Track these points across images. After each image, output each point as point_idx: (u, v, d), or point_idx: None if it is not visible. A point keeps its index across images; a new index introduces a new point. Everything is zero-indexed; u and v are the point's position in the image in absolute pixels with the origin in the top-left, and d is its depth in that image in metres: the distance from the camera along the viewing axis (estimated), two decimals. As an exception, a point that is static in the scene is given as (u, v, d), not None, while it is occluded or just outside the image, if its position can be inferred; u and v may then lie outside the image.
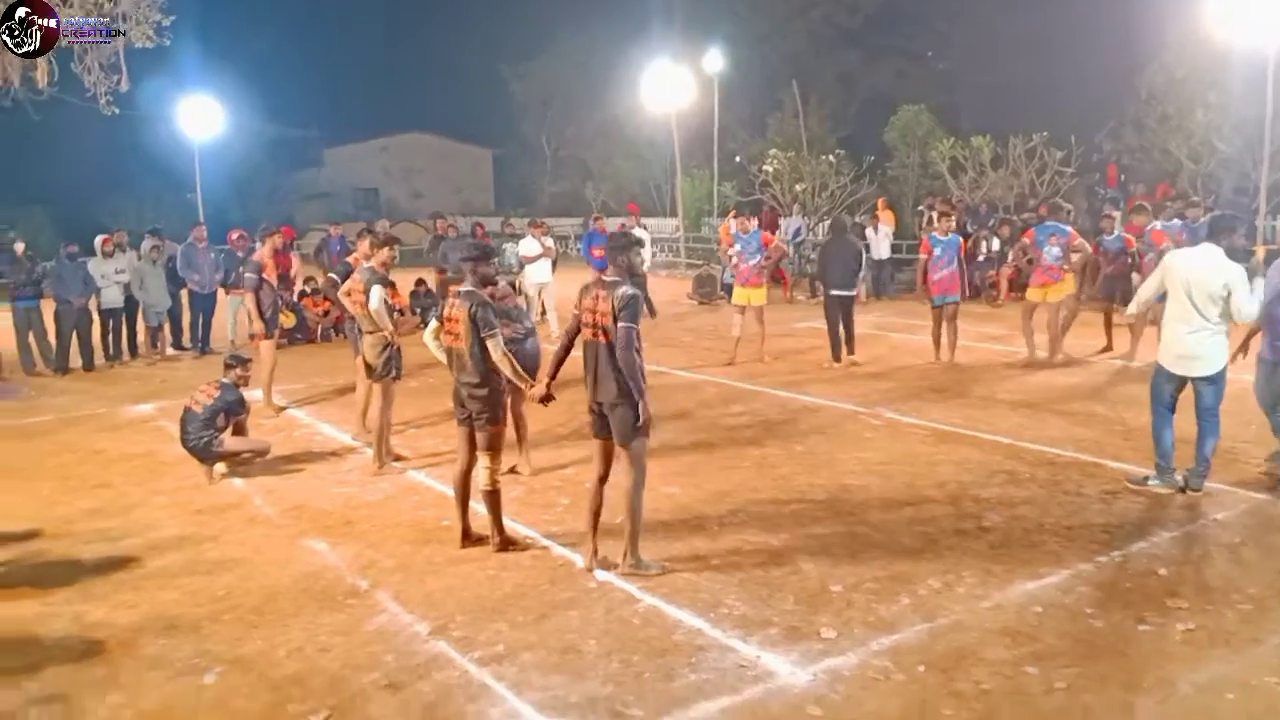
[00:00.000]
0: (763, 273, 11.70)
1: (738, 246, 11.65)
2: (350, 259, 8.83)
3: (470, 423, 5.71)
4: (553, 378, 5.64)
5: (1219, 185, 17.16)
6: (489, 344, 5.56)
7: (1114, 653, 4.37)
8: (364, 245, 8.68)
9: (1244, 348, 6.91)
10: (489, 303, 5.70)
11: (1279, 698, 3.96)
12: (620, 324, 5.09)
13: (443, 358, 5.93)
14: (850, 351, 11.61)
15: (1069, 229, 11.06)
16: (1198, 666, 4.23)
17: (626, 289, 5.14)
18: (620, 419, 5.19)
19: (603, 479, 5.46)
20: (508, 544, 5.77)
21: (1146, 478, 6.68)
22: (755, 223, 12.09)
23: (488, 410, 5.62)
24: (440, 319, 5.79)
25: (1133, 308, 7.11)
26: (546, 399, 5.61)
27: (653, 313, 14.98)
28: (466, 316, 5.53)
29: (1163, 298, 6.57)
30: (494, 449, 5.70)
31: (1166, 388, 6.56)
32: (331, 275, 8.67)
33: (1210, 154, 17.07)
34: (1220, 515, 6.09)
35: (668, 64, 21.94)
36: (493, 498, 5.72)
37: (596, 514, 5.46)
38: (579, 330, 5.43)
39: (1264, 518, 6.03)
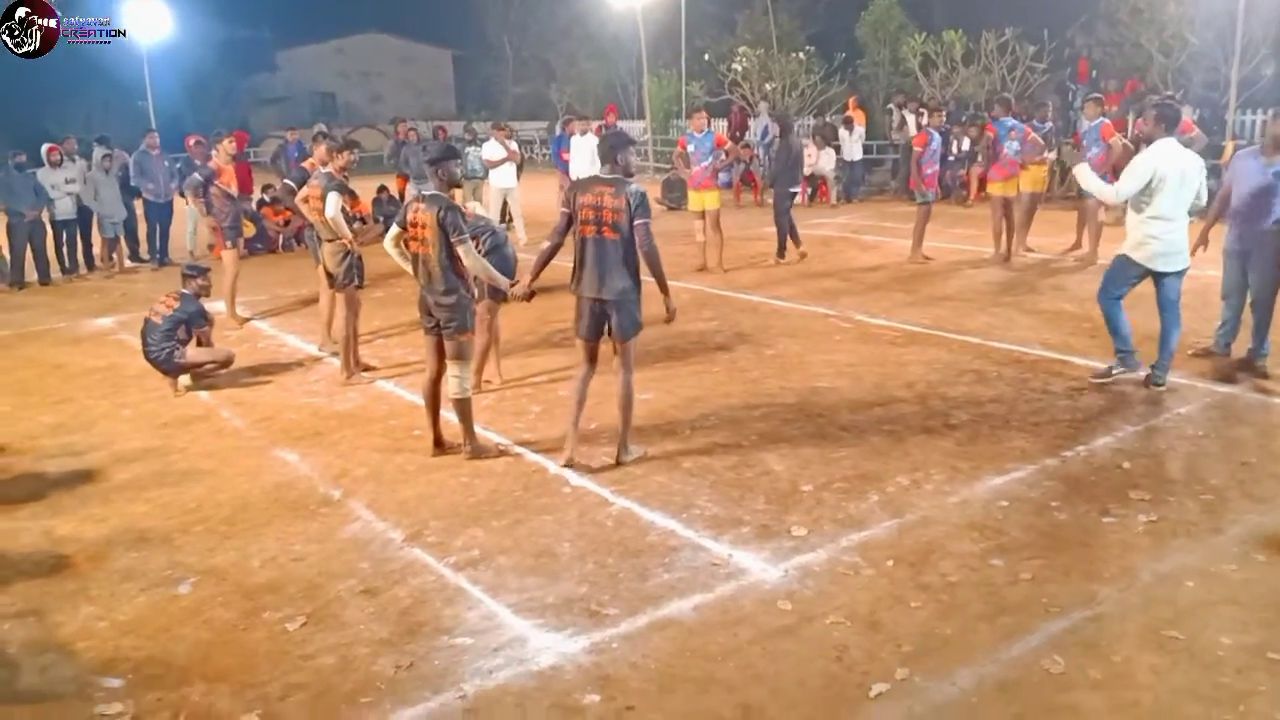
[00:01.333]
0: (717, 175, 11.48)
1: (690, 147, 11.28)
2: (306, 164, 8.56)
3: (438, 331, 5.63)
4: (535, 277, 5.61)
5: (1189, 80, 17.03)
6: (460, 249, 5.45)
7: (1078, 544, 4.47)
8: (320, 150, 8.43)
9: (1204, 240, 6.94)
10: (457, 206, 5.56)
11: (1237, 585, 4.07)
12: (638, 220, 5.23)
13: (406, 265, 5.81)
14: (779, 253, 11.93)
15: (1023, 125, 11.32)
16: (1159, 556, 4.34)
17: (636, 186, 5.29)
18: (627, 314, 5.37)
19: (590, 376, 5.58)
20: (479, 452, 5.77)
21: (1111, 368, 6.77)
22: (707, 121, 11.72)
23: (456, 318, 5.54)
24: (402, 224, 5.64)
25: (1114, 199, 6.87)
26: (530, 297, 5.65)
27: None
28: (434, 221, 5.40)
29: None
30: (463, 357, 5.64)
31: (1131, 283, 6.59)
32: (287, 182, 8.42)
33: (1181, 47, 16.89)
34: (1183, 409, 6.19)
35: (633, -42, 21.26)
36: (463, 406, 5.68)
37: (582, 407, 5.61)
38: (567, 229, 5.40)
39: (1226, 411, 6.14)
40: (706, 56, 26.09)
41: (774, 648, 3.73)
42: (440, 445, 5.84)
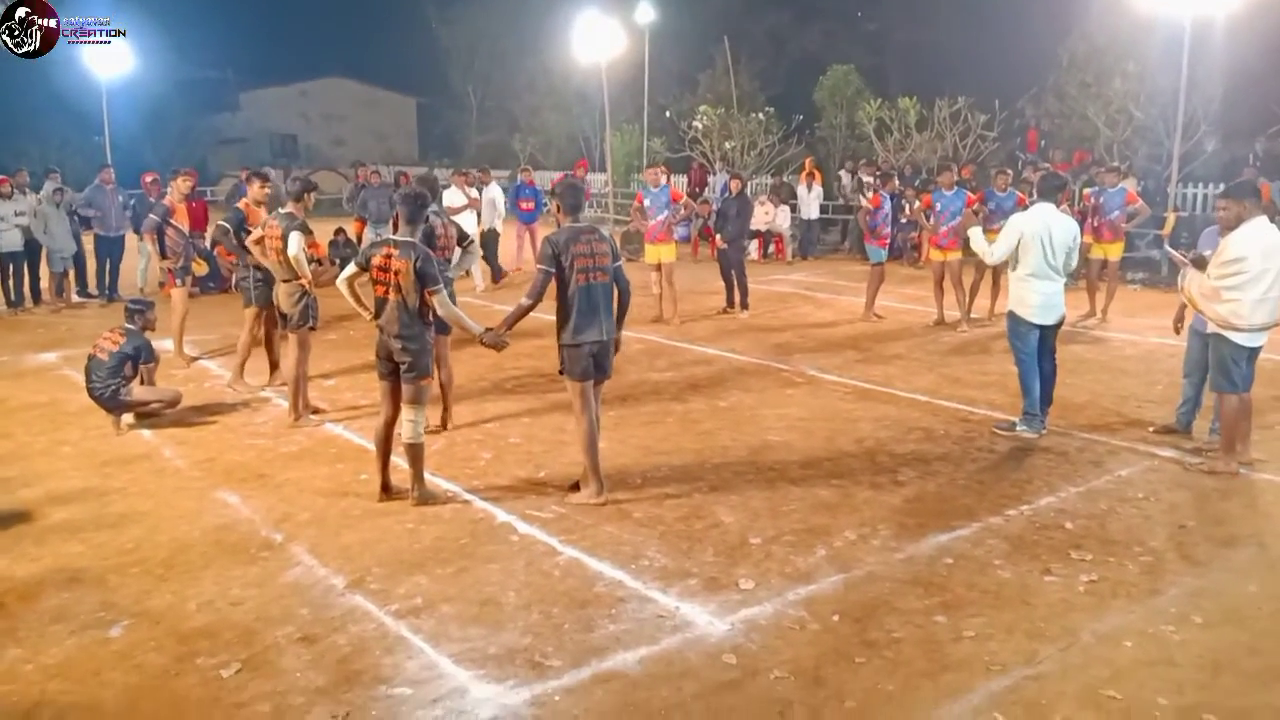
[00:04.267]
0: (673, 230, 11.60)
1: (647, 201, 11.42)
2: (240, 204, 8.48)
3: (395, 376, 5.60)
4: (509, 327, 5.65)
5: (1134, 152, 17.60)
6: (434, 300, 5.47)
7: (1020, 603, 4.51)
8: (254, 189, 8.43)
9: (1180, 319, 7.07)
10: (432, 256, 5.60)
11: (1174, 646, 4.13)
12: (619, 262, 5.61)
13: (357, 307, 5.82)
14: (743, 306, 12.13)
15: (965, 193, 11.41)
16: (1099, 616, 4.39)
17: (607, 231, 5.67)
18: (612, 352, 5.66)
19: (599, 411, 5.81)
20: (427, 498, 5.70)
21: (1014, 424, 7.06)
22: (665, 176, 11.89)
23: (419, 362, 5.52)
24: (363, 266, 5.62)
25: (990, 260, 7.37)
26: (502, 346, 5.74)
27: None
28: (410, 269, 5.40)
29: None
30: (419, 401, 5.61)
31: (1032, 337, 6.95)
32: (221, 223, 8.33)
33: (1127, 121, 17.48)
34: (1124, 472, 6.31)
35: (598, 14, 21.60)
36: (415, 450, 5.64)
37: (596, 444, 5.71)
38: (546, 286, 5.48)
39: (1166, 474, 6.26)
40: (668, 113, 26.50)
41: (718, 703, 3.71)
42: (387, 491, 5.77)
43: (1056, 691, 3.78)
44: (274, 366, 8.52)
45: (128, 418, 7.28)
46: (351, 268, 5.71)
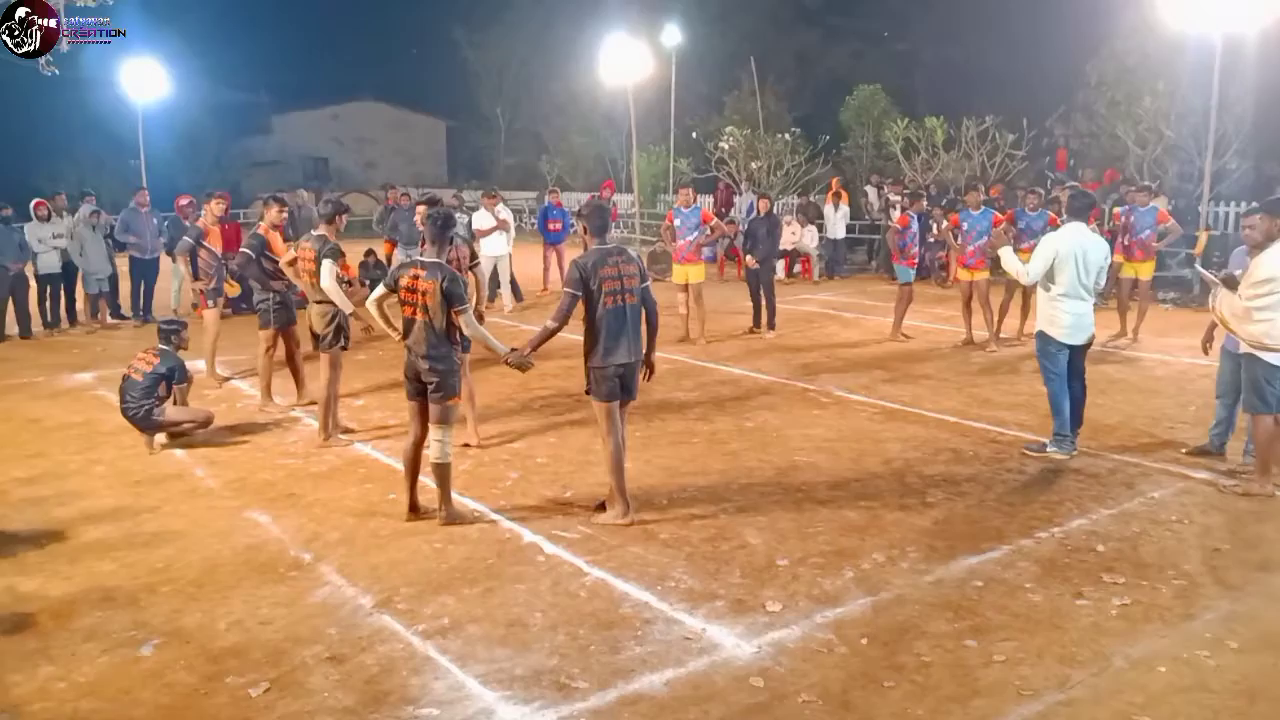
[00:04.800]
0: (701, 250, 11.61)
1: (677, 222, 11.44)
2: (260, 229, 8.61)
3: (424, 396, 5.64)
4: (534, 349, 5.66)
5: (1165, 171, 17.45)
6: (460, 320, 5.52)
7: (1051, 626, 4.45)
8: (270, 213, 8.58)
9: (1210, 338, 6.99)
10: (459, 276, 5.65)
11: (1209, 671, 4.06)
12: (645, 283, 5.64)
13: (382, 326, 5.90)
14: (770, 326, 12.13)
15: (993, 213, 11.30)
16: (1132, 641, 4.33)
17: (635, 252, 5.67)
18: (638, 373, 5.67)
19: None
20: (455, 518, 5.73)
21: (1044, 444, 7.00)
22: (694, 197, 11.92)
23: (446, 383, 5.57)
24: (392, 288, 5.68)
25: (1026, 280, 7.19)
26: (527, 367, 5.74)
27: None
28: (437, 290, 5.45)
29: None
30: (447, 421, 5.64)
31: (1062, 358, 6.91)
32: (245, 250, 8.46)
33: (1157, 140, 17.34)
34: (1156, 494, 6.23)
35: (625, 37, 21.76)
36: (443, 471, 5.67)
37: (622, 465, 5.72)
38: (572, 309, 5.50)
39: (1199, 496, 6.17)
40: (695, 134, 26.61)
41: (745, 725, 3.69)
42: (415, 510, 5.80)
43: (1089, 717, 3.72)
44: (300, 384, 8.62)
45: (160, 438, 7.37)
46: (380, 289, 5.77)
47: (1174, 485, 6.38)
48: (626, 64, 20.85)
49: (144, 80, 18.71)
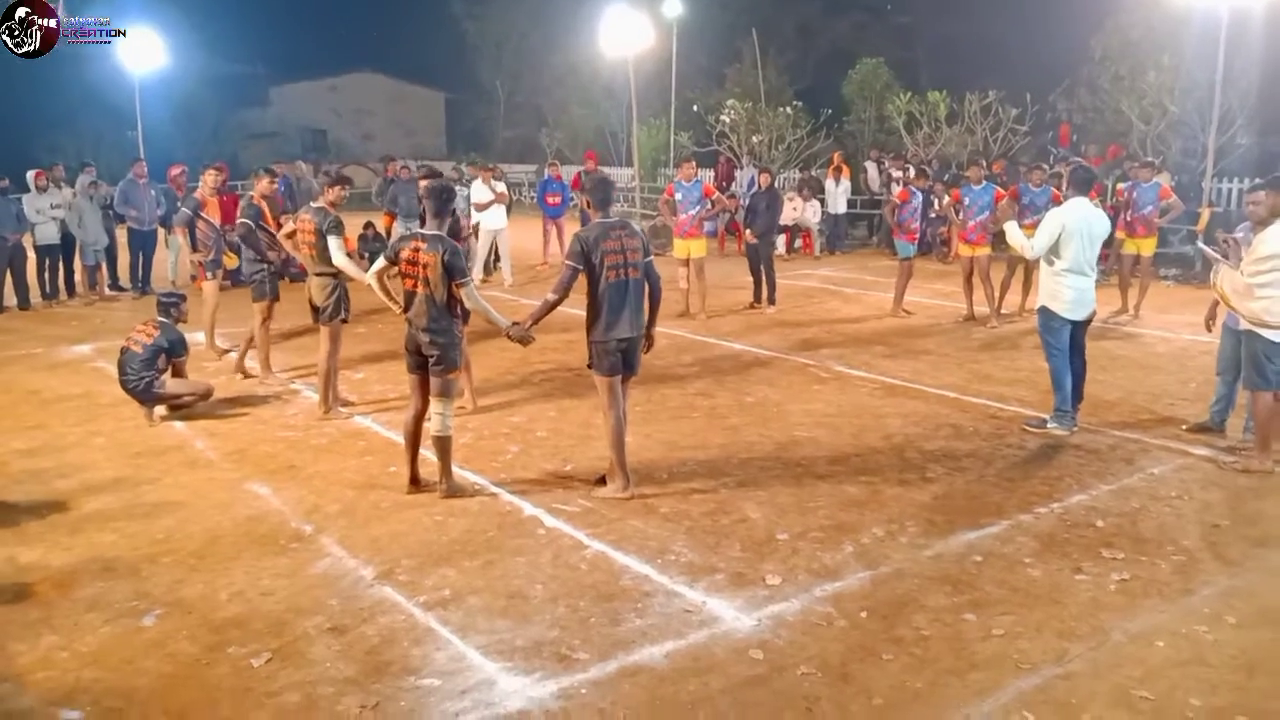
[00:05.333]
0: (702, 224, 11.54)
1: (678, 195, 11.33)
2: (253, 198, 8.55)
3: (424, 369, 5.63)
4: (536, 322, 5.63)
5: (1168, 147, 17.35)
6: (462, 292, 5.50)
7: (1050, 601, 4.47)
8: (261, 184, 8.54)
9: (1212, 316, 6.98)
10: (460, 249, 5.63)
11: (1207, 646, 4.08)
12: (648, 257, 5.60)
13: (385, 299, 5.87)
14: (771, 301, 12.09)
15: (994, 188, 11.20)
16: (1131, 615, 4.34)
17: (637, 225, 5.64)
18: (640, 348, 5.66)
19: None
20: (455, 491, 5.73)
21: (1045, 420, 6.98)
22: (696, 170, 11.83)
23: (447, 356, 5.55)
24: (392, 260, 5.65)
25: (1030, 255, 7.05)
26: (528, 341, 5.71)
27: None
28: (439, 263, 5.42)
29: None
30: (448, 394, 5.64)
31: (1064, 332, 6.90)
32: (244, 220, 8.39)
33: (1161, 115, 17.22)
34: (1156, 470, 6.24)
35: (625, 8, 21.59)
36: (443, 443, 5.67)
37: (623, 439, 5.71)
38: (573, 282, 5.46)
39: (1199, 473, 6.18)
40: (695, 108, 26.41)
41: (745, 698, 3.71)
42: (416, 483, 5.80)
43: (1087, 691, 3.74)
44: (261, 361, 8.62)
45: (160, 410, 7.37)
46: (381, 262, 5.74)
47: (1174, 461, 6.39)
48: (627, 35, 20.68)
49: (141, 51, 18.56)
